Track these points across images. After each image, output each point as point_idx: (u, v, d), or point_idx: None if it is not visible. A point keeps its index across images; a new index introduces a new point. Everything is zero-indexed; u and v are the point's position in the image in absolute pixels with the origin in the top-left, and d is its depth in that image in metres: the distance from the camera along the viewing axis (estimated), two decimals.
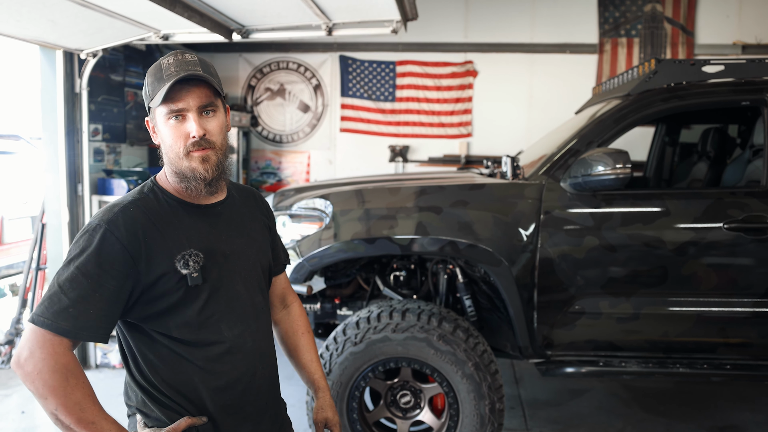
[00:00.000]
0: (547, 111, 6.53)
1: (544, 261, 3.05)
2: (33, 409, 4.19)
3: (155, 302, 1.49)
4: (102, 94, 5.24)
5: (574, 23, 6.53)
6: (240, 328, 1.60)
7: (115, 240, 1.41)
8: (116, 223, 1.43)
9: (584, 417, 4.05)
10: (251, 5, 3.76)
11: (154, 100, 1.48)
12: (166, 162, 1.55)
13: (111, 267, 1.40)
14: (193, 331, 1.52)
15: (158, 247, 1.47)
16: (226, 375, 1.57)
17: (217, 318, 1.56)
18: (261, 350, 1.68)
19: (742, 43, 6.31)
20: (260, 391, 1.67)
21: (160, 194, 1.57)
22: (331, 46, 6.87)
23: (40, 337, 1.36)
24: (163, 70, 1.49)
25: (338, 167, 7.01)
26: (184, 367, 1.53)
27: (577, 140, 3.18)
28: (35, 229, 5.09)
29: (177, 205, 1.56)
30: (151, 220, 1.49)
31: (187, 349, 1.53)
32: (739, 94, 3.23)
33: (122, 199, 1.53)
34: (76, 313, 1.37)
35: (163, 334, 1.51)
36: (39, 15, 3.63)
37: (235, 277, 1.61)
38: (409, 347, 2.97)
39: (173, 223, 1.53)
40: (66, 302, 1.36)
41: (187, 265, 1.49)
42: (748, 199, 3.04)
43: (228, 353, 1.57)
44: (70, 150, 4.73)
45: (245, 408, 1.62)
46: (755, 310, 3.06)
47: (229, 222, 1.65)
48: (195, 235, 1.55)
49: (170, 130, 1.50)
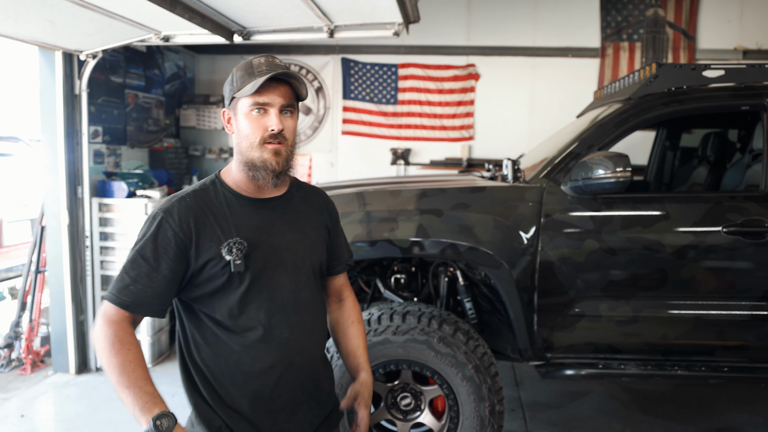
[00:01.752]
0: (548, 114, 6.54)
1: (544, 264, 3.06)
2: (33, 412, 4.19)
3: (203, 285, 1.63)
4: (102, 96, 5.24)
5: (576, 27, 6.55)
6: (279, 318, 1.69)
7: (168, 227, 1.59)
8: (171, 211, 1.61)
9: (584, 419, 4.06)
10: (252, 7, 3.76)
11: (242, 90, 1.61)
12: (237, 152, 1.68)
13: (165, 251, 1.58)
14: (234, 315, 1.64)
15: (208, 235, 1.62)
16: (260, 362, 1.66)
17: (257, 306, 1.66)
18: (301, 342, 1.74)
19: (743, 49, 6.33)
20: (297, 382, 1.73)
21: (219, 187, 1.71)
22: (333, 48, 6.88)
23: (105, 309, 1.57)
24: (254, 67, 1.64)
25: (340, 170, 7.02)
26: (223, 350, 1.65)
27: (578, 144, 3.19)
28: (35, 232, 5.07)
29: (233, 198, 1.69)
30: (204, 210, 1.64)
31: (227, 333, 1.64)
32: (739, 99, 3.24)
33: (183, 191, 1.70)
34: (135, 290, 1.56)
35: (208, 316, 1.65)
36: (37, 15, 3.63)
37: (280, 269, 1.70)
38: (410, 350, 2.98)
39: (225, 214, 1.66)
40: (127, 281, 1.56)
41: (231, 252, 1.61)
42: (747, 203, 3.05)
43: (263, 341, 1.66)
44: (70, 152, 4.72)
45: (281, 397, 1.70)
46: (753, 313, 3.07)
47: (283, 216, 1.75)
48: (245, 226, 1.66)
49: (251, 120, 1.63)
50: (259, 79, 1.59)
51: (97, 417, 4.06)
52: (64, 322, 4.84)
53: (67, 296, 4.81)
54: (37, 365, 5.00)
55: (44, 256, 5.01)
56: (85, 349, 4.95)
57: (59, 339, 4.87)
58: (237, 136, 1.67)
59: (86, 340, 4.95)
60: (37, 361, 5.02)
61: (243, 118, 1.64)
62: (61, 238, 4.77)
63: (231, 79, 1.67)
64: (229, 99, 1.67)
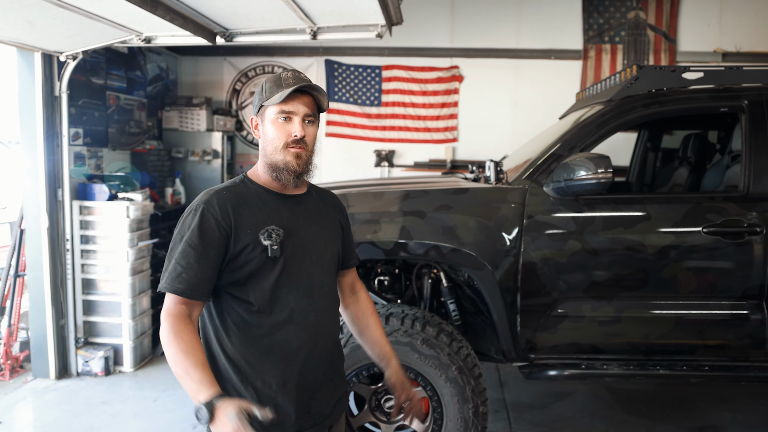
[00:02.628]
0: (532, 116, 6.57)
1: (527, 265, 3.07)
2: (11, 418, 4.13)
3: (239, 269, 1.77)
4: (83, 98, 5.17)
5: (558, 29, 6.59)
6: (306, 303, 1.84)
7: (210, 216, 1.74)
8: (211, 202, 1.77)
9: (568, 419, 4.08)
10: (234, 8, 3.74)
11: (270, 99, 1.79)
12: (263, 155, 1.86)
13: (210, 239, 1.73)
14: (266, 298, 1.78)
15: (246, 223, 1.77)
16: (289, 342, 1.81)
17: (288, 290, 1.81)
18: (323, 326, 1.90)
19: (722, 51, 6.41)
20: (320, 363, 1.89)
21: (249, 184, 1.88)
22: (317, 50, 6.86)
23: (165, 302, 1.72)
24: (282, 80, 1.82)
25: (324, 172, 6.98)
26: (254, 333, 1.78)
27: (560, 145, 3.21)
28: (13, 235, 5.00)
29: (263, 192, 1.87)
30: (240, 201, 1.80)
31: (258, 316, 1.78)
32: (718, 101, 3.29)
33: (218, 186, 1.86)
34: (187, 277, 1.70)
35: (241, 300, 1.78)
36: (15, 15, 3.57)
37: (306, 258, 1.86)
38: None
39: (259, 205, 1.83)
40: (179, 269, 1.70)
41: (270, 237, 1.77)
42: (727, 203, 3.09)
43: (292, 322, 1.81)
44: (50, 154, 4.66)
45: (306, 376, 1.84)
46: (732, 312, 3.12)
47: (306, 211, 1.93)
48: (277, 216, 1.83)
49: (276, 127, 1.81)
50: (285, 90, 1.77)
51: (78, 423, 4.00)
52: (45, 327, 4.77)
53: (47, 300, 4.75)
54: (16, 371, 4.93)
55: (24, 259, 4.94)
56: (65, 353, 4.89)
57: (39, 344, 4.80)
58: (263, 141, 1.85)
59: (67, 345, 4.89)
60: (16, 366, 4.94)
61: (269, 125, 1.82)
62: (41, 241, 4.71)
63: (261, 89, 1.85)
64: (258, 107, 1.86)
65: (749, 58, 6.35)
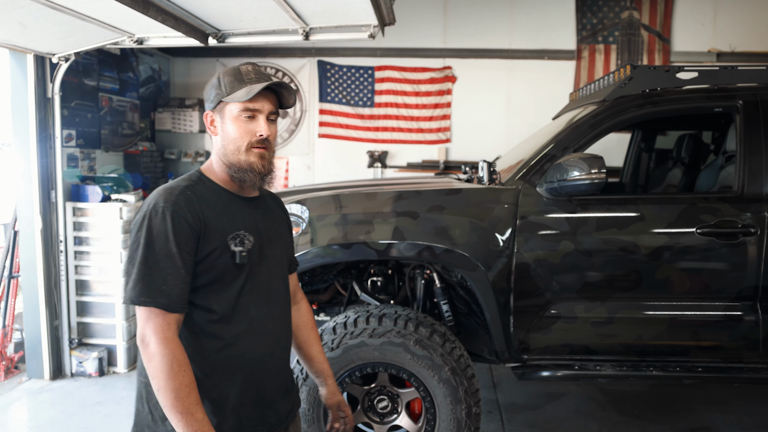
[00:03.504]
0: (525, 116, 6.57)
1: (520, 266, 3.06)
2: (6, 419, 4.12)
3: (201, 275, 1.64)
4: (75, 99, 5.16)
5: (552, 29, 6.59)
6: (265, 311, 1.77)
7: (182, 220, 1.59)
8: (180, 204, 1.61)
9: (561, 420, 4.08)
10: (226, 9, 3.73)
11: (235, 95, 1.67)
12: (221, 154, 1.73)
13: (185, 245, 1.59)
14: (230, 307, 1.68)
15: (213, 226, 1.65)
16: (249, 353, 1.72)
17: (249, 299, 1.72)
18: (279, 334, 1.84)
19: (716, 51, 6.42)
20: (277, 373, 1.83)
21: (207, 182, 1.74)
22: (310, 51, 6.86)
23: (152, 322, 1.55)
24: (243, 74, 1.71)
25: (317, 173, 6.99)
26: (213, 344, 1.67)
27: (553, 145, 3.21)
28: (7, 237, 5.01)
29: (222, 192, 1.74)
30: (204, 202, 1.67)
31: (219, 325, 1.67)
32: (712, 101, 3.28)
33: (176, 184, 1.69)
34: (167, 289, 1.56)
35: (202, 308, 1.66)
36: (7, 17, 3.56)
37: (265, 264, 1.78)
38: (386, 352, 2.96)
39: (222, 207, 1.71)
40: (159, 281, 1.55)
41: (242, 243, 1.68)
42: (721, 204, 3.08)
43: (252, 332, 1.73)
44: (43, 156, 4.66)
45: (264, 386, 1.77)
46: (726, 313, 3.10)
47: (264, 215, 1.84)
48: (241, 219, 1.73)
49: (239, 125, 1.69)
50: (254, 86, 1.66)
51: (72, 423, 4.00)
52: (39, 328, 4.78)
53: (41, 301, 4.75)
54: (11, 371, 4.93)
55: (17, 261, 4.95)
56: (59, 354, 4.89)
57: (33, 345, 4.81)
58: (222, 139, 1.72)
59: (61, 346, 4.89)
60: (10, 367, 4.94)
61: (231, 123, 1.70)
62: (35, 243, 4.71)
63: (218, 83, 1.72)
64: (215, 102, 1.72)
65: (744, 57, 6.36)
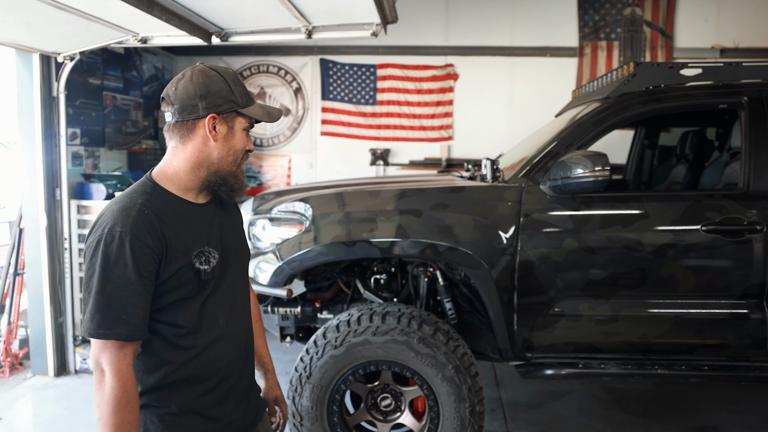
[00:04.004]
0: (527, 114, 6.55)
1: (523, 264, 3.06)
2: (11, 415, 4.15)
3: (167, 295, 1.59)
4: (80, 98, 5.18)
5: (554, 26, 6.57)
6: (233, 316, 1.75)
7: (143, 245, 1.51)
8: (139, 228, 1.52)
9: (565, 419, 4.07)
10: (230, 8, 3.73)
11: (251, 109, 1.68)
12: (212, 162, 1.65)
13: (146, 270, 1.52)
14: (196, 319, 1.63)
15: (175, 244, 1.58)
16: (220, 360, 1.69)
17: (215, 307, 1.68)
18: (248, 337, 1.84)
19: (720, 47, 6.39)
20: (245, 373, 1.82)
21: (163, 194, 1.64)
22: (312, 49, 6.85)
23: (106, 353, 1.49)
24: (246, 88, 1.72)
25: (319, 171, 6.99)
26: (181, 356, 1.62)
27: (557, 143, 3.20)
28: (13, 234, 5.02)
29: (180, 204, 1.65)
30: (163, 219, 1.58)
31: (187, 339, 1.63)
32: (716, 97, 3.26)
33: (131, 201, 1.58)
34: (128, 318, 1.49)
35: (168, 324, 1.61)
36: (14, 17, 3.58)
37: (228, 270, 1.74)
38: (390, 350, 2.96)
39: (182, 221, 1.63)
40: (119, 310, 1.48)
41: (207, 261, 1.63)
42: (726, 201, 3.06)
43: (221, 339, 1.70)
44: (48, 154, 4.68)
45: (234, 390, 1.76)
46: (732, 311, 3.08)
47: (222, 219, 1.78)
48: (201, 232, 1.67)
49: (242, 139, 1.69)
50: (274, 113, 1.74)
51: (76, 419, 4.03)
52: (43, 325, 4.80)
53: (46, 299, 4.77)
54: (15, 368, 4.96)
55: (22, 258, 4.97)
56: (63, 351, 4.92)
57: (38, 341, 4.84)
58: (221, 148, 1.65)
59: (65, 343, 4.92)
60: (15, 363, 4.98)
61: (239, 135, 1.68)
62: (40, 240, 4.73)
63: (228, 89, 1.64)
64: (227, 110, 1.63)
65: (748, 53, 6.32)
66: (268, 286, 3.22)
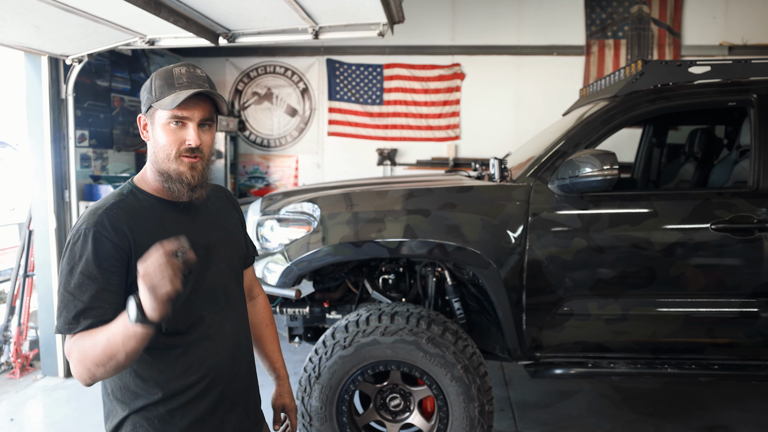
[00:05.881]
0: (534, 113, 6.55)
1: (532, 263, 3.05)
2: (22, 416, 4.17)
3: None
4: (88, 100, 5.21)
5: (560, 25, 6.56)
6: (219, 316, 1.69)
7: (106, 240, 1.49)
8: (103, 224, 1.51)
9: (574, 418, 4.06)
10: (237, 9, 3.74)
11: (162, 102, 1.57)
12: (152, 161, 1.63)
13: (110, 264, 1.49)
14: (178, 319, 1.58)
15: (145, 243, 1.51)
16: (207, 360, 1.65)
17: (198, 306, 1.64)
18: (239, 337, 1.77)
19: (728, 44, 6.36)
20: (239, 375, 1.76)
21: (139, 195, 1.64)
22: (318, 49, 6.87)
23: (71, 343, 1.47)
24: (175, 77, 1.59)
25: (326, 171, 7.00)
26: (166, 357, 1.60)
27: (565, 142, 3.19)
28: (22, 236, 5.05)
29: (157, 203, 1.64)
30: (134, 218, 1.56)
31: (171, 339, 1.59)
32: (725, 95, 3.24)
33: (103, 201, 1.59)
34: (95, 313, 1.47)
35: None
36: (23, 20, 3.61)
37: (213, 268, 1.70)
38: (399, 350, 2.96)
39: (155, 220, 1.61)
40: (81, 305, 1.46)
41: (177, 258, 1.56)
42: (735, 199, 3.04)
43: (208, 338, 1.66)
44: (57, 156, 4.70)
45: (227, 392, 1.71)
46: (742, 310, 3.06)
47: (207, 216, 1.75)
48: (176, 230, 1.61)
49: (168, 133, 1.59)
50: (180, 94, 1.55)
51: (87, 420, 4.04)
52: (53, 326, 4.79)
53: (56, 300, 4.75)
54: (26, 369, 4.99)
55: (32, 260, 5.00)
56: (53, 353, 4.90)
57: (48, 342, 4.86)
58: (153, 145, 1.62)
59: None
60: (26, 364, 5.00)
61: (160, 129, 1.59)
62: (49, 242, 4.75)
63: (150, 86, 1.61)
64: (147, 107, 1.62)
65: (757, 51, 6.29)
66: (276, 287, 3.22)
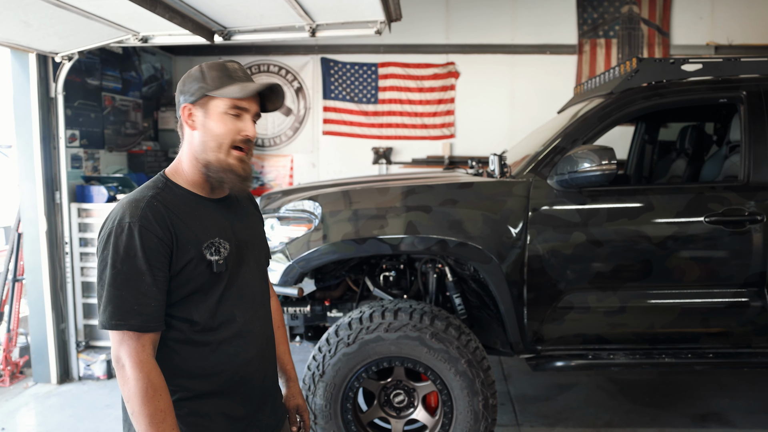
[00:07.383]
0: (528, 111, 6.60)
1: (533, 257, 3.09)
2: (14, 424, 4.10)
3: (180, 288, 1.57)
4: (78, 99, 5.15)
5: (553, 24, 6.62)
6: (250, 313, 1.71)
7: (152, 235, 1.50)
8: (148, 218, 1.51)
9: (573, 410, 4.11)
10: (234, 6, 3.73)
11: (226, 90, 1.59)
12: (197, 151, 1.63)
13: (156, 260, 1.51)
14: (212, 315, 1.61)
15: (185, 236, 1.56)
16: (238, 357, 1.66)
17: (232, 303, 1.66)
18: (267, 334, 1.80)
19: (714, 44, 6.46)
20: (268, 374, 1.79)
21: (174, 189, 1.64)
22: (313, 48, 6.86)
23: (126, 345, 1.48)
24: (230, 70, 1.64)
25: (321, 170, 7.00)
26: (198, 353, 1.61)
27: (563, 138, 3.23)
28: (10, 240, 4.96)
29: (192, 198, 1.65)
30: (173, 211, 1.57)
31: (203, 334, 1.61)
32: (716, 92, 3.32)
33: (141, 194, 1.58)
34: (140, 309, 1.48)
35: (182, 320, 1.59)
36: (11, 15, 3.53)
37: (245, 266, 1.71)
38: (402, 346, 2.98)
39: (193, 214, 1.61)
40: (130, 301, 1.48)
41: (218, 252, 1.60)
42: (728, 193, 3.13)
43: (239, 336, 1.67)
44: (47, 157, 4.63)
45: (255, 389, 1.73)
46: (734, 300, 3.15)
47: (237, 214, 1.76)
48: (214, 225, 1.64)
49: (224, 122, 1.60)
50: (250, 85, 1.60)
51: (82, 427, 3.98)
52: (45, 331, 4.74)
53: (47, 304, 4.72)
54: (16, 376, 4.90)
55: (22, 264, 4.91)
56: (66, 358, 4.87)
57: (39, 348, 4.78)
58: (203, 135, 1.62)
59: (68, 349, 4.87)
60: (16, 372, 4.91)
61: (216, 118, 1.60)
62: (40, 245, 4.68)
63: (201, 76, 1.63)
64: (198, 96, 1.62)
65: (741, 50, 6.41)
66: (278, 286, 3.23)
